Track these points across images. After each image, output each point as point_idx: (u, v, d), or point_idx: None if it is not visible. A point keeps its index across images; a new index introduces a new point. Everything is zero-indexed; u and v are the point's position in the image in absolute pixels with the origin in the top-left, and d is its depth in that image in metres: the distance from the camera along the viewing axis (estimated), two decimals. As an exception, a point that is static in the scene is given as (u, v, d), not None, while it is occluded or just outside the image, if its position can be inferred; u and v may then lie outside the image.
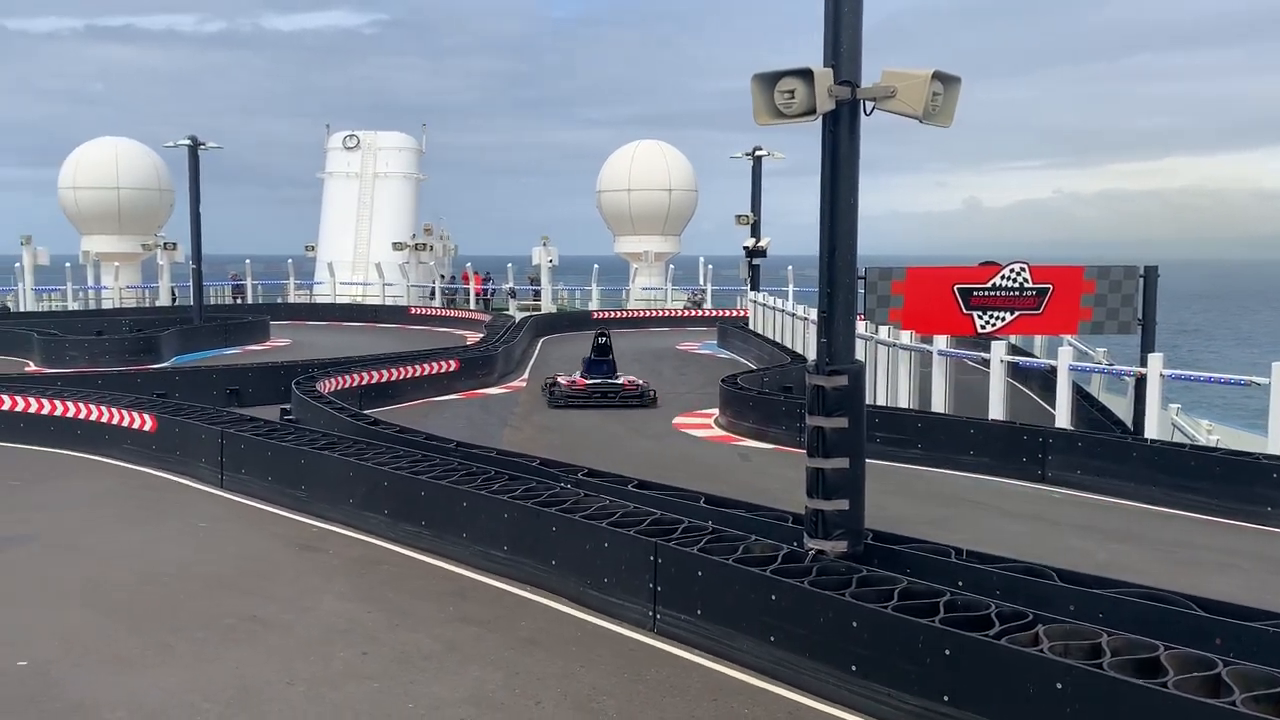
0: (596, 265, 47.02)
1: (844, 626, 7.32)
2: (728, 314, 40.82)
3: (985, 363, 18.14)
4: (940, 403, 18.32)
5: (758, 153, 39.78)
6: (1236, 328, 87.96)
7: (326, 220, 51.49)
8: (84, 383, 19.85)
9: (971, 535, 10.80)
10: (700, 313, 43.79)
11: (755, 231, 38.37)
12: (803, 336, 26.00)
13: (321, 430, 14.82)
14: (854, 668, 7.22)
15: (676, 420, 20.28)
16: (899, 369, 19.70)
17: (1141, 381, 15.85)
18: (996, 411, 17.07)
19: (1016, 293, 17.11)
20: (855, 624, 7.25)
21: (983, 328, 17.30)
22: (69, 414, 16.92)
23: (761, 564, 8.21)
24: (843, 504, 8.72)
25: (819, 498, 8.77)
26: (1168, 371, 15.61)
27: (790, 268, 40.61)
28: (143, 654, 8.31)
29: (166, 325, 32.33)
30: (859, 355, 10.45)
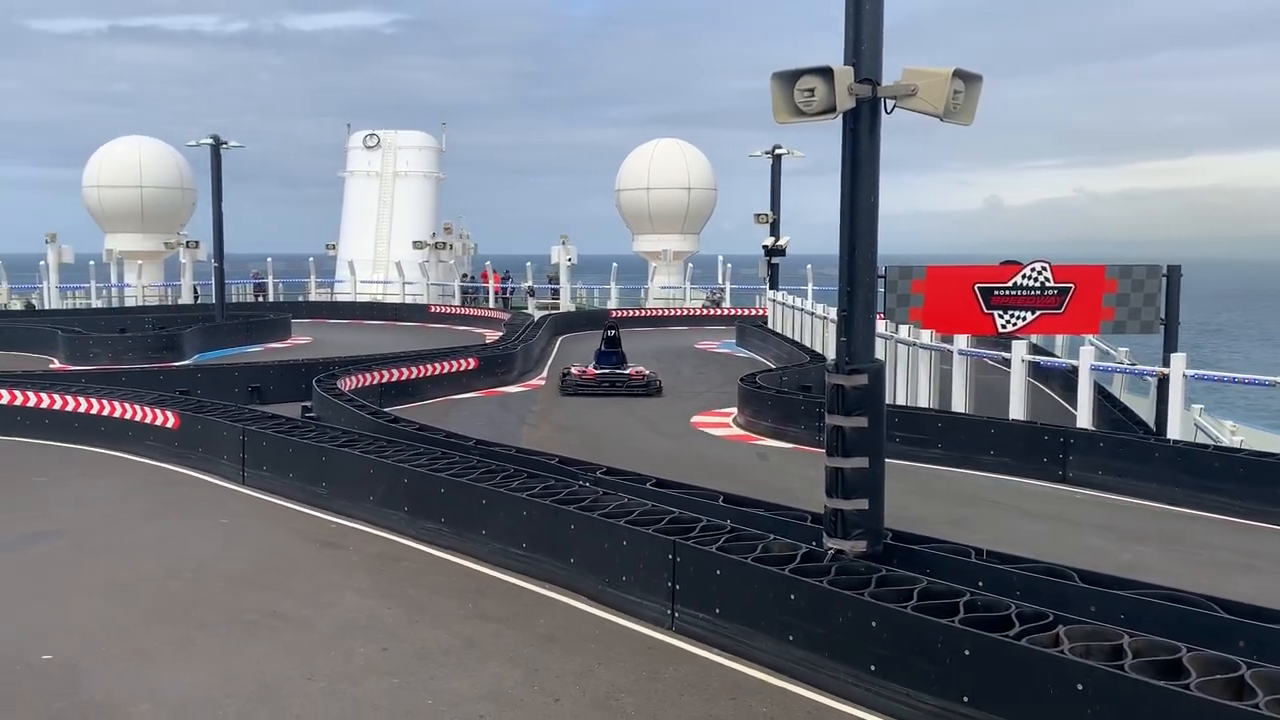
0: (615, 264, 47.03)
1: (863, 626, 7.30)
2: (746, 313, 40.76)
3: (1006, 362, 18.04)
4: (960, 402, 18.24)
5: (777, 151, 39.73)
6: (1261, 328, 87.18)
7: (347, 219, 51.73)
8: (108, 380, 20.02)
9: (992, 535, 10.75)
10: (719, 311, 43.74)
11: (774, 230, 38.31)
12: (822, 335, 25.93)
13: (342, 427, 14.91)
14: (873, 667, 7.21)
15: (695, 419, 20.28)
16: (919, 368, 19.62)
17: (1164, 382, 15.73)
18: (1017, 411, 16.98)
19: (1038, 292, 17.02)
20: (874, 624, 7.24)
21: (1003, 327, 17.22)
22: (93, 411, 17.08)
23: (780, 563, 8.20)
24: (862, 503, 8.70)
25: (838, 497, 8.75)
26: (1191, 372, 15.48)
27: (809, 266, 40.52)
28: (165, 649, 8.39)
29: (189, 323, 32.59)
30: (879, 354, 10.42)
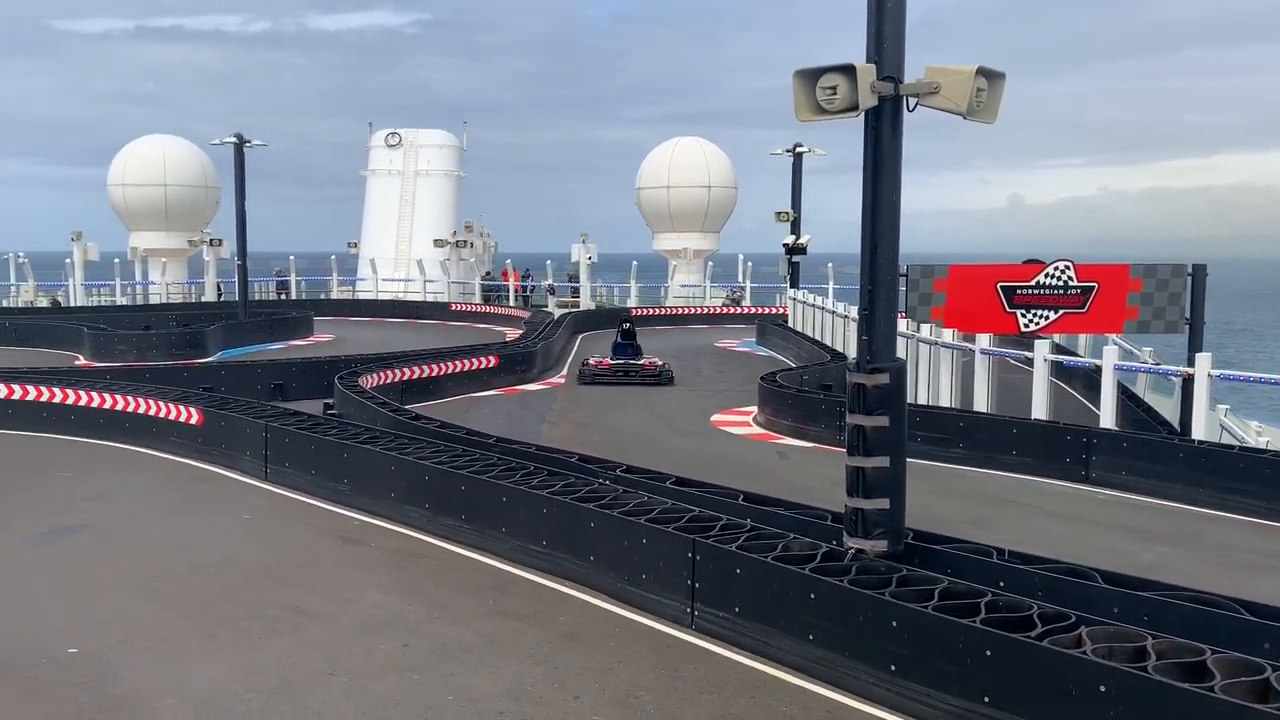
0: (635, 262, 47.03)
1: (883, 626, 7.28)
2: (766, 311, 40.69)
3: (1028, 361, 17.94)
4: (982, 402, 18.15)
5: (798, 149, 39.65)
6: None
7: (369, 217, 51.96)
8: (132, 376, 20.18)
9: (1013, 536, 10.69)
10: (739, 310, 43.69)
11: (795, 228, 38.26)
12: (843, 334, 25.86)
13: (364, 425, 14.99)
14: (893, 667, 7.19)
15: (715, 417, 20.27)
16: (941, 367, 19.53)
17: (1189, 382, 15.60)
18: (1040, 411, 16.88)
19: (1061, 291, 16.92)
20: (895, 623, 7.21)
21: (1026, 326, 17.12)
22: (118, 407, 17.24)
23: (801, 562, 8.19)
24: (883, 503, 8.67)
25: (859, 496, 8.72)
26: (1216, 372, 15.34)
27: (830, 265, 40.39)
28: (189, 643, 8.46)
29: (212, 320, 32.80)
30: (900, 353, 10.38)
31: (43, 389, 18.17)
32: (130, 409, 17.05)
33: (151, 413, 16.68)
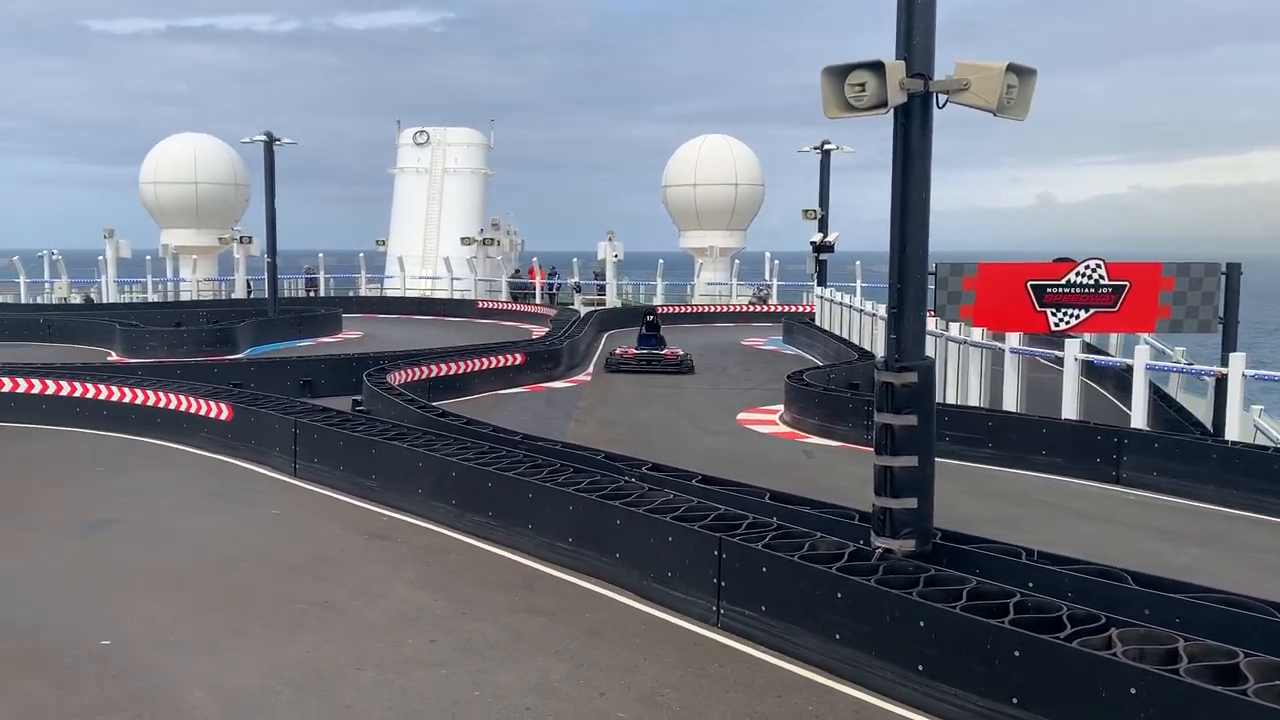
0: (661, 260, 47.00)
1: (911, 626, 7.25)
2: (794, 309, 40.56)
3: (1059, 361, 17.78)
4: (1012, 401, 18.01)
5: (826, 147, 39.45)
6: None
7: (397, 215, 52.23)
8: (163, 372, 20.39)
9: (1043, 536, 10.60)
10: (766, 308, 43.57)
11: (823, 226, 38.05)
12: (870, 333, 25.75)
13: (391, 421, 15.07)
14: (920, 667, 7.15)
15: (741, 416, 20.23)
16: (969, 366, 19.40)
17: (1222, 382, 15.40)
18: (1070, 411, 16.72)
19: (1092, 289, 16.75)
20: (922, 623, 7.18)
21: (1056, 325, 16.96)
22: (149, 403, 17.43)
23: (827, 561, 8.16)
24: (911, 502, 8.62)
25: (887, 496, 8.68)
26: (1250, 372, 15.14)
27: (858, 263, 40.17)
28: (220, 637, 8.54)
29: (242, 317, 33.09)
30: (929, 352, 10.32)
31: (75, 384, 18.40)
32: (162, 405, 17.23)
33: (183, 408, 16.85)
